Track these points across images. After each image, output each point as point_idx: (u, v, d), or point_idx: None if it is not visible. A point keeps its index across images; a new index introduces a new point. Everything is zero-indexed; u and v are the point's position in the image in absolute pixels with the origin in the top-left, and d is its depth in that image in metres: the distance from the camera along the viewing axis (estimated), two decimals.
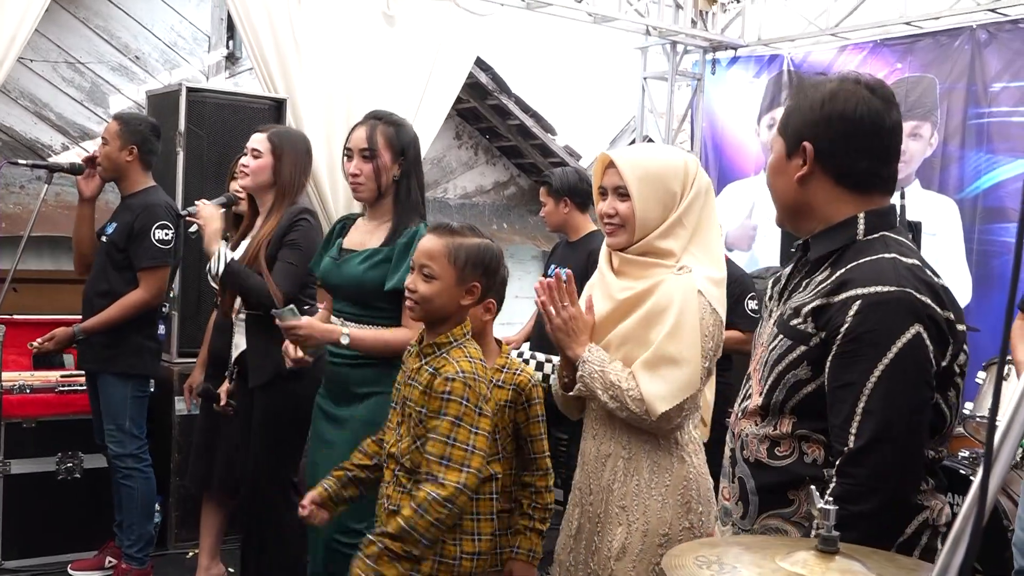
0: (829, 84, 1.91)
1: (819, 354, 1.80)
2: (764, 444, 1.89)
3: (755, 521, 1.91)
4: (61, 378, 4.73)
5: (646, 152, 2.67)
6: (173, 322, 4.95)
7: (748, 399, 1.96)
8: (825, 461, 1.82)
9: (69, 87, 6.62)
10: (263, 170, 3.68)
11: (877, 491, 1.70)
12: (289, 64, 5.52)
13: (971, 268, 6.09)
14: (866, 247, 1.84)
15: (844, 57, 6.97)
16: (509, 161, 9.10)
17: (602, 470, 2.54)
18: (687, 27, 7.46)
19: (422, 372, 2.45)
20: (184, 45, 7.08)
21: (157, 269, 4.24)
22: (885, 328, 1.73)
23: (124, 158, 4.27)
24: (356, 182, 3.16)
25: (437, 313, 2.47)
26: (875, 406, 1.71)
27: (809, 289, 1.88)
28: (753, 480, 1.91)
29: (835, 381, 1.77)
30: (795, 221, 1.98)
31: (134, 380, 4.28)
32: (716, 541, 1.77)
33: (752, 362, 2.01)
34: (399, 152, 3.17)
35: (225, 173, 4.45)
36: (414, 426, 2.42)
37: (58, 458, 4.63)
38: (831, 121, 1.87)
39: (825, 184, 1.89)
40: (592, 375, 2.44)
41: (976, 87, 6.15)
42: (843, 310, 1.76)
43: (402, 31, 5.94)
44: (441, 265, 2.44)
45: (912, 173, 6.41)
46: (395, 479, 2.49)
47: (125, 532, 4.35)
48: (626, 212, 2.50)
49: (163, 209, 4.28)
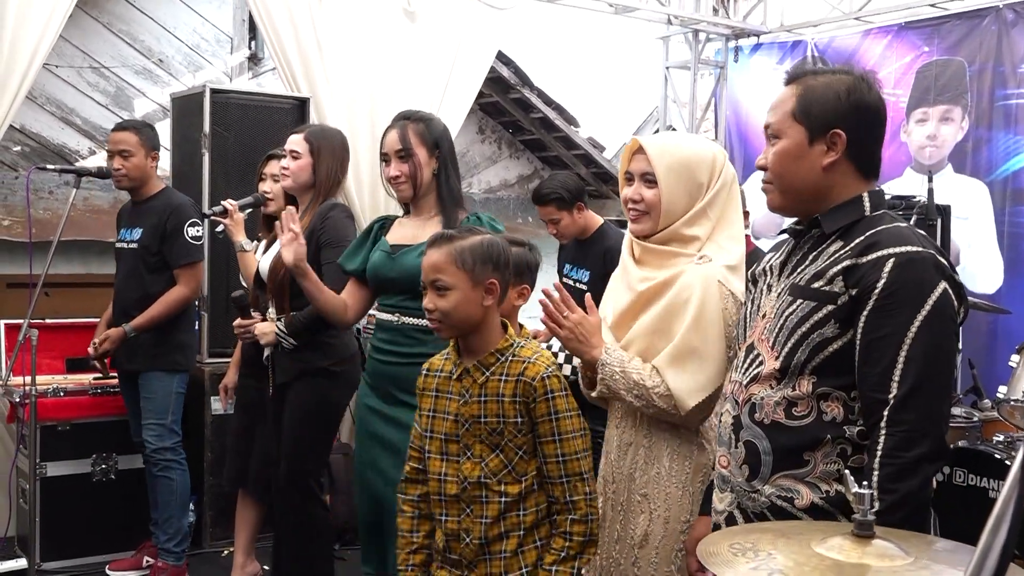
0: (839, 75, 2.02)
1: (848, 312, 1.89)
2: (781, 406, 1.96)
3: (767, 481, 1.98)
4: (94, 380, 4.78)
5: (676, 140, 2.67)
6: (203, 322, 4.99)
7: (757, 366, 2.02)
8: (845, 418, 1.91)
9: (94, 91, 6.68)
10: (303, 170, 3.70)
11: (928, 435, 1.80)
12: (311, 63, 5.54)
13: (1002, 251, 6.04)
14: (876, 220, 1.97)
15: (869, 41, 6.91)
16: (533, 154, 9.11)
17: (624, 458, 2.55)
18: (709, 15, 7.43)
19: (494, 384, 2.37)
20: (207, 47, 7.14)
21: (194, 265, 4.41)
22: (920, 282, 1.85)
23: (149, 165, 4.42)
24: (398, 184, 3.19)
25: (465, 324, 2.39)
26: (916, 353, 1.82)
27: (824, 258, 1.97)
28: (768, 441, 1.97)
29: (873, 333, 1.86)
30: (805, 204, 2.04)
31: (179, 375, 4.44)
32: (751, 528, 1.77)
33: (753, 333, 2.08)
34: (433, 146, 3.21)
35: (250, 173, 4.48)
36: (511, 439, 2.35)
37: (93, 460, 4.68)
38: (859, 111, 1.99)
39: (847, 169, 2.00)
40: (614, 377, 2.42)
41: (1004, 68, 6.08)
42: (876, 268, 1.87)
43: (423, 27, 5.95)
44: (451, 273, 2.37)
45: (944, 158, 6.35)
46: (476, 505, 2.39)
47: (162, 527, 4.42)
48: (652, 199, 2.49)
49: (190, 207, 4.44)
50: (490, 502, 2.37)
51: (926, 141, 6.43)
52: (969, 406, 4.68)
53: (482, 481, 2.37)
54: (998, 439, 4.23)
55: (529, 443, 2.37)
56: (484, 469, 2.36)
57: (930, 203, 4.55)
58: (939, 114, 6.37)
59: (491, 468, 2.37)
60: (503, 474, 2.36)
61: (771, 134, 2.05)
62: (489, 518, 2.37)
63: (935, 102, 6.40)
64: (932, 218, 4.55)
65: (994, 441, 4.22)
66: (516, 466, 2.36)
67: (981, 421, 4.42)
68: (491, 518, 2.37)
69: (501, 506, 2.36)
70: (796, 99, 2.01)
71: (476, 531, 2.38)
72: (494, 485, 2.36)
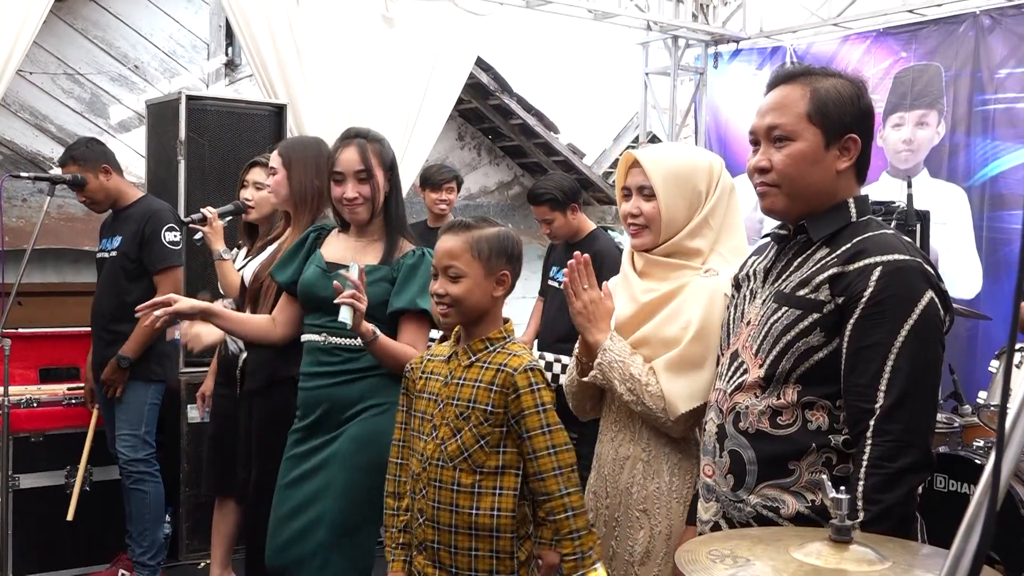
0: (840, 79, 2.01)
1: (834, 320, 1.89)
2: (766, 415, 1.96)
3: (752, 491, 1.98)
4: (68, 391, 4.75)
5: (671, 151, 2.66)
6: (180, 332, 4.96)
7: (742, 375, 2.02)
8: (830, 427, 1.91)
9: (69, 98, 6.65)
10: (280, 185, 3.66)
11: (914, 445, 1.81)
12: (289, 69, 5.53)
13: (981, 256, 6.08)
14: (862, 227, 1.97)
15: (847, 47, 6.96)
16: (512, 161, 9.11)
17: (620, 473, 2.51)
18: (688, 21, 7.47)
19: (476, 370, 2.42)
20: (183, 53, 7.11)
21: (172, 269, 4.39)
22: (908, 292, 1.85)
23: (106, 181, 4.38)
24: (354, 206, 3.05)
25: (473, 312, 2.45)
26: (903, 364, 1.83)
27: (809, 265, 1.97)
28: (753, 451, 1.97)
29: (860, 342, 1.86)
30: (810, 209, 2.01)
31: (155, 386, 4.42)
32: (729, 534, 1.77)
33: (736, 340, 2.08)
34: (388, 168, 3.11)
35: (227, 181, 4.48)
36: (475, 425, 2.38)
37: (67, 471, 4.65)
38: (868, 117, 2.02)
39: (851, 175, 2.02)
40: (611, 364, 2.40)
41: (981, 73, 6.13)
42: (863, 276, 1.87)
43: (401, 33, 5.96)
44: (466, 262, 2.43)
45: (920, 162, 6.40)
46: (431, 487, 2.43)
47: (137, 540, 4.39)
48: (651, 212, 2.47)
49: (168, 212, 4.44)
50: (443, 487, 2.41)
51: (902, 146, 6.48)
52: (950, 411, 4.71)
53: (438, 464, 2.42)
54: (978, 444, 4.26)
55: (494, 436, 2.39)
56: (443, 452, 2.41)
57: (910, 208, 4.57)
58: (915, 119, 6.41)
59: (449, 452, 2.41)
60: (458, 460, 2.40)
61: (779, 135, 1.99)
62: (440, 502, 2.41)
63: (911, 107, 6.45)
64: (912, 224, 4.57)
65: (974, 447, 4.25)
66: (473, 454, 2.39)
67: (962, 427, 4.44)
68: (442, 503, 2.41)
69: (452, 493, 2.40)
70: (809, 101, 1.97)
71: (428, 512, 2.43)
72: (448, 470, 2.40)
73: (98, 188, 4.37)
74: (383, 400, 2.99)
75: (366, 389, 3.02)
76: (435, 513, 2.42)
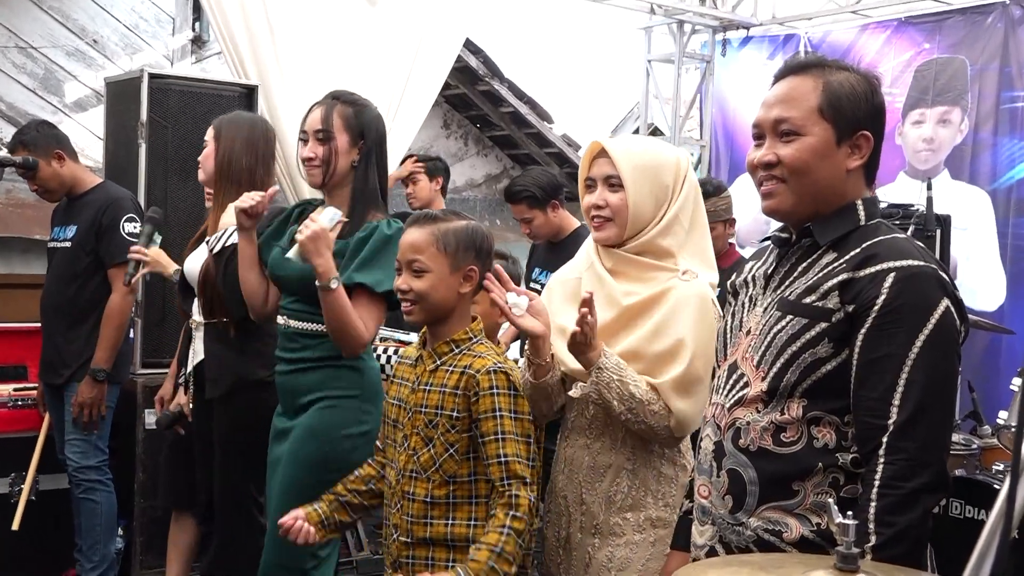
0: (852, 73, 2.03)
1: (844, 330, 1.90)
2: (769, 431, 1.96)
3: (752, 514, 1.97)
4: (14, 391, 4.73)
5: (639, 142, 2.71)
6: (137, 330, 4.95)
7: (742, 388, 2.02)
8: (837, 445, 1.91)
9: (20, 74, 6.63)
10: (207, 158, 3.67)
11: (930, 464, 1.82)
12: (261, 48, 5.52)
13: (1005, 265, 6.10)
14: (872, 230, 1.98)
15: (866, 37, 6.99)
16: (502, 152, 9.13)
17: (599, 481, 2.56)
18: (695, 5, 7.49)
19: (441, 374, 2.46)
20: (146, 28, 7.10)
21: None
22: (923, 300, 1.86)
23: (59, 168, 4.36)
24: (310, 166, 3.13)
25: (438, 309, 2.48)
26: (918, 376, 1.83)
27: (816, 271, 1.98)
28: (754, 470, 1.97)
29: (871, 353, 1.87)
30: (817, 209, 2.02)
31: (109, 387, 4.36)
32: (727, 560, 1.78)
33: (734, 351, 2.08)
34: (358, 135, 3.14)
35: (190, 166, 4.46)
36: (443, 433, 2.41)
37: (12, 479, 4.62)
38: (880, 114, 2.04)
39: (860, 174, 2.03)
40: (609, 384, 2.40)
41: (1010, 69, 6.15)
42: (875, 283, 1.87)
43: (384, 11, 5.95)
44: (431, 255, 2.46)
45: (941, 162, 6.43)
46: (405, 501, 2.47)
47: (86, 554, 4.37)
48: (618, 204, 2.51)
49: (128, 201, 4.40)
50: (415, 500, 2.44)
51: (922, 144, 6.51)
52: (968, 432, 4.73)
53: (411, 475, 2.45)
54: (998, 468, 4.27)
55: (462, 443, 2.42)
56: (415, 463, 2.45)
57: (929, 212, 4.58)
58: (937, 116, 6.44)
59: (421, 463, 2.44)
60: (431, 471, 2.43)
61: (787, 130, 1.99)
62: (413, 516, 2.44)
63: (933, 103, 6.48)
64: (931, 229, 4.58)
65: (993, 470, 4.26)
66: (444, 464, 2.42)
67: (980, 448, 4.45)
68: (415, 516, 2.44)
69: (426, 506, 2.43)
70: (822, 94, 1.98)
71: (403, 527, 2.46)
72: (421, 482, 2.43)
73: (51, 176, 4.35)
74: (334, 393, 3.09)
75: (318, 380, 3.10)
76: (409, 527, 2.45)
